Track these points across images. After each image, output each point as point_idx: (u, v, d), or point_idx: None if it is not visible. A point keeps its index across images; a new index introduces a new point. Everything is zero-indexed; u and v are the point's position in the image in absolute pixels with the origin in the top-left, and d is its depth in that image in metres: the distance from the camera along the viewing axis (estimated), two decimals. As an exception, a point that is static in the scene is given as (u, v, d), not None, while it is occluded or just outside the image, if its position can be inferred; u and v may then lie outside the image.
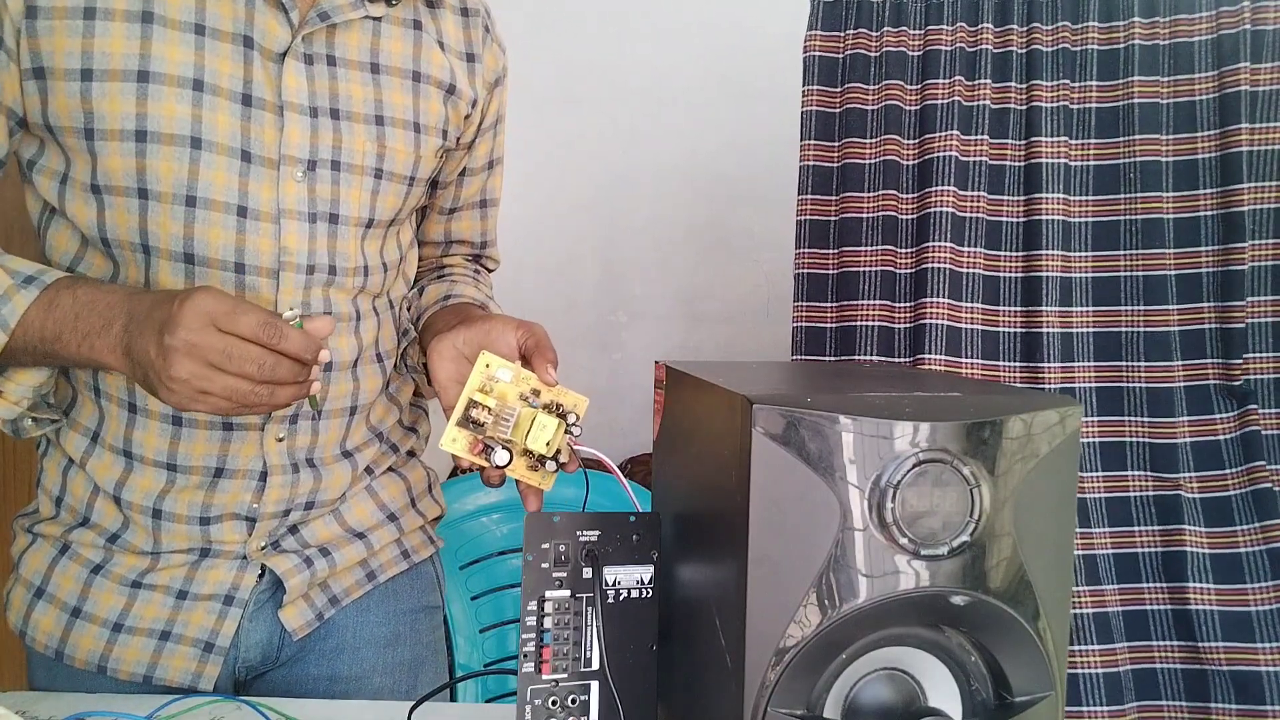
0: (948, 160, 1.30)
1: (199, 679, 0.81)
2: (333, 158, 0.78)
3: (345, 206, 0.80)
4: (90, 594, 0.81)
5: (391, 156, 0.82)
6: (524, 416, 0.71)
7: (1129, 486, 1.24)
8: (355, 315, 0.84)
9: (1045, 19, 1.31)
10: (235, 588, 0.81)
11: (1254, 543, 1.18)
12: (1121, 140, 1.28)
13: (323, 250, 0.79)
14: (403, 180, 0.84)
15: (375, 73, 0.81)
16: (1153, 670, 1.19)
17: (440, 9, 0.86)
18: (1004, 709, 0.52)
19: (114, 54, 0.71)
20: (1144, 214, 1.26)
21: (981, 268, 1.30)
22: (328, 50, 0.78)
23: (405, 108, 0.82)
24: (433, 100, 0.84)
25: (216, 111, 0.73)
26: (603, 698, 0.64)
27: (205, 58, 0.73)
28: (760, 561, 0.48)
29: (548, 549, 0.63)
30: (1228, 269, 1.24)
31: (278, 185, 0.76)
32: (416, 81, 0.83)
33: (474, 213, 0.99)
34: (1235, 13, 1.25)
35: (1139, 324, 1.26)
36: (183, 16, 0.72)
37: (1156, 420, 1.24)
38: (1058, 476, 0.51)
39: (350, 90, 0.79)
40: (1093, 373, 1.26)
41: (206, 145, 0.73)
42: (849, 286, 1.33)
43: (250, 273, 0.76)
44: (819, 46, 1.37)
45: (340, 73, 0.78)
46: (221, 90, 0.74)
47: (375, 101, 0.80)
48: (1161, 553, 1.21)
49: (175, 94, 0.72)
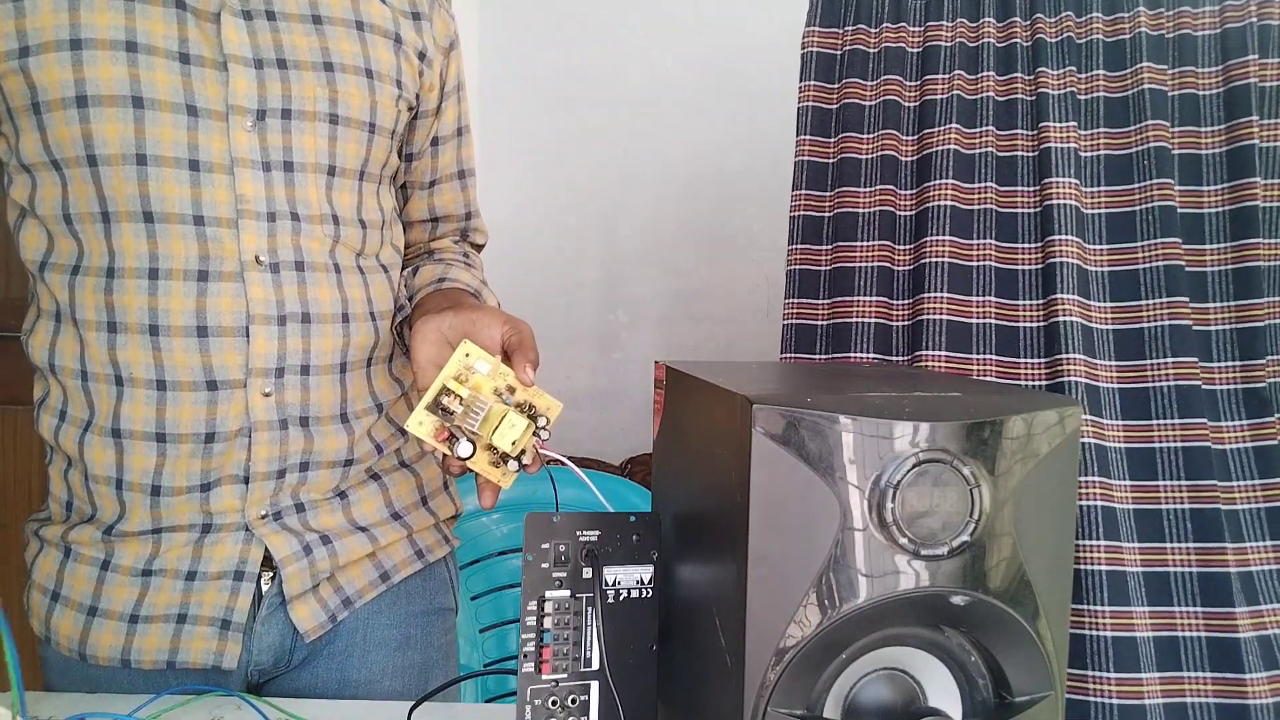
0: (948, 154, 1.29)
1: (221, 658, 0.81)
2: (283, 106, 0.79)
3: (300, 154, 0.80)
4: (103, 590, 0.81)
5: (345, 101, 0.82)
6: (494, 412, 0.71)
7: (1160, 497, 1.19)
8: (334, 268, 0.83)
9: (1048, 11, 1.31)
10: (244, 562, 0.81)
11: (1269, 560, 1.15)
12: (1134, 128, 1.27)
13: (281, 198, 0.79)
14: (361, 126, 0.84)
15: (318, 24, 0.82)
16: (1183, 704, 1.14)
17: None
18: (1004, 709, 0.52)
19: (45, 27, 0.73)
20: (1159, 202, 1.24)
21: (995, 260, 1.29)
22: (265, 6, 0.79)
23: (354, 54, 0.83)
24: (380, 49, 0.85)
25: (154, 70, 0.75)
26: (603, 698, 0.64)
27: (136, 20, 0.74)
28: (760, 561, 0.48)
29: (548, 549, 0.63)
30: (1243, 265, 1.22)
31: (228, 135, 0.77)
32: (361, 30, 0.84)
33: (454, 184, 1.00)
34: (1240, 6, 1.25)
35: (1162, 318, 1.22)
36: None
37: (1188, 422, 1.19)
38: (1057, 476, 0.51)
39: (294, 41, 0.80)
40: (1115, 371, 1.23)
41: (149, 104, 0.74)
42: (843, 282, 1.33)
43: (210, 224, 0.76)
44: (817, 42, 1.37)
45: (281, 25, 0.80)
46: (157, 50, 0.75)
47: (322, 49, 0.81)
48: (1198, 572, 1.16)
49: (109, 56, 0.74)
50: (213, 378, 0.78)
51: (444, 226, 1.02)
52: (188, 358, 0.77)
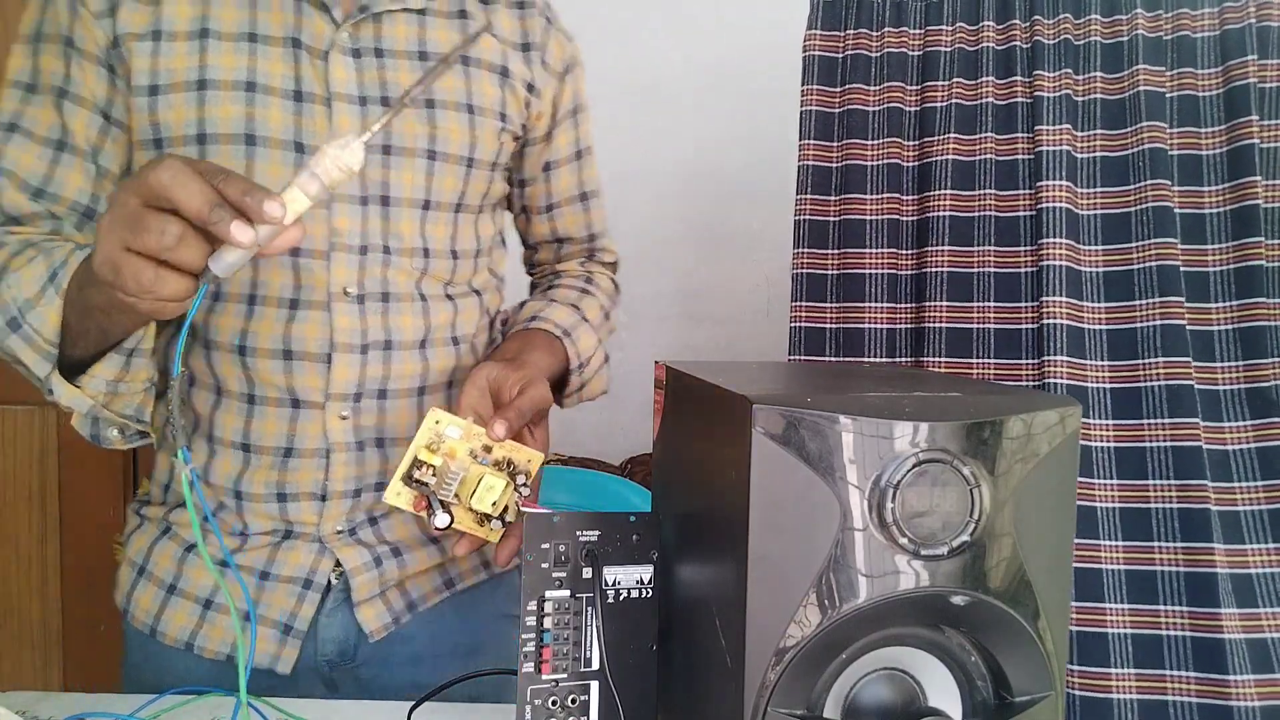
0: (945, 164, 1.30)
1: (277, 661, 0.84)
2: (383, 142, 0.81)
3: (397, 189, 0.82)
4: (185, 571, 0.85)
5: (445, 138, 0.83)
6: (471, 475, 0.72)
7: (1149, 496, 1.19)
8: (419, 297, 0.85)
9: (1046, 13, 1.31)
10: (313, 572, 0.84)
11: (1271, 564, 1.15)
12: (1129, 130, 1.27)
13: (376, 231, 0.81)
14: (459, 161, 0.85)
15: (424, 59, 0.83)
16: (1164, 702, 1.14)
17: (494, 3, 0.89)
18: (1004, 709, 0.52)
19: (177, 69, 0.77)
20: (1154, 203, 1.24)
21: (993, 265, 1.29)
22: (375, 43, 0.81)
23: (456, 90, 0.84)
24: (485, 83, 0.86)
25: (269, 109, 0.78)
26: (603, 698, 0.64)
27: (257, 62, 0.78)
28: (760, 561, 0.48)
29: (547, 549, 0.63)
30: (1245, 264, 1.22)
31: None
32: (466, 65, 0.85)
33: (575, 207, 1.00)
34: (1239, 7, 1.25)
35: (1155, 318, 1.22)
36: (236, 29, 0.78)
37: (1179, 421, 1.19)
38: (1058, 476, 0.51)
39: (399, 78, 0.81)
40: (1107, 371, 1.23)
41: (261, 141, 0.78)
42: (852, 289, 1.33)
43: (305, 255, 0.79)
44: (819, 46, 1.37)
45: (389, 62, 0.81)
46: (273, 90, 0.78)
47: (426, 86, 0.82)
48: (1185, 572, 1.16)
49: (229, 96, 0.77)
50: (295, 397, 0.81)
51: (568, 248, 1.02)
52: (273, 377, 0.81)
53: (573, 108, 0.95)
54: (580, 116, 0.97)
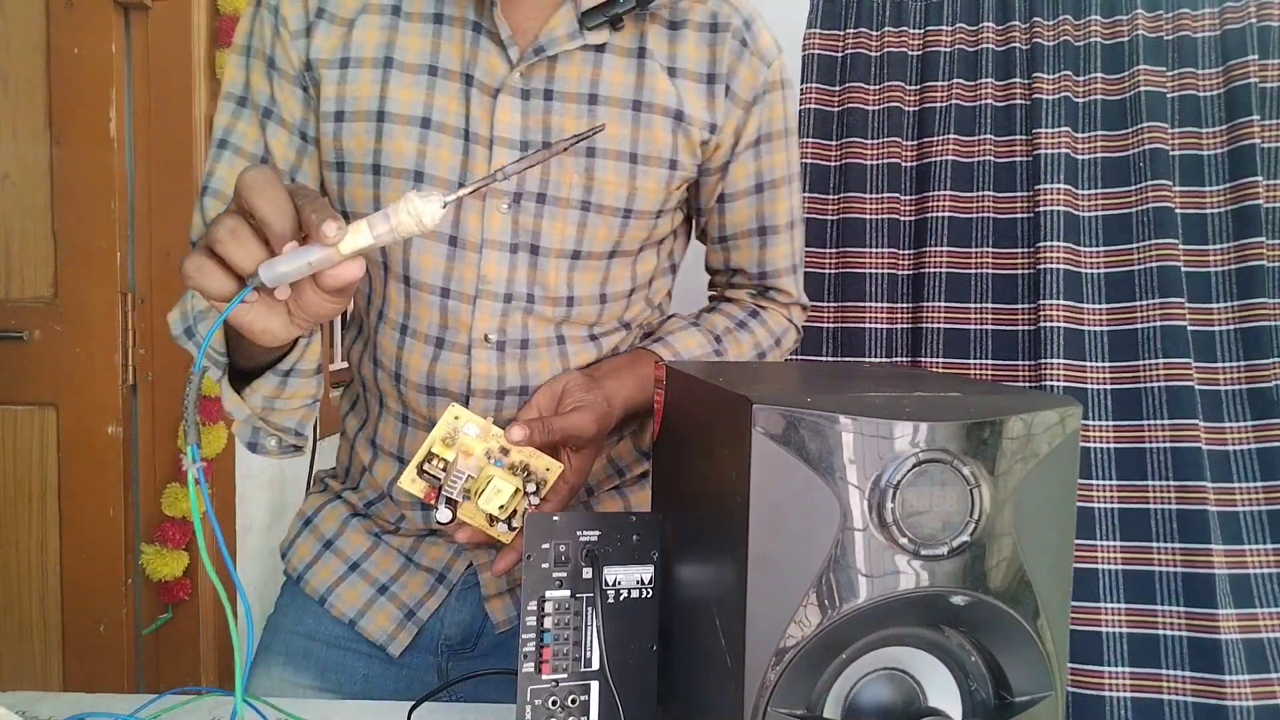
0: (945, 165, 1.29)
1: (391, 641, 0.88)
2: (539, 190, 0.79)
3: (547, 238, 0.80)
4: (345, 533, 0.91)
5: (600, 189, 0.80)
6: (482, 476, 0.71)
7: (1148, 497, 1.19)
8: (559, 340, 0.84)
9: (1046, 15, 1.31)
10: (448, 569, 0.89)
11: (1269, 564, 1.15)
12: (1130, 130, 1.27)
13: (521, 279, 0.81)
14: (615, 212, 0.81)
15: (592, 104, 0.80)
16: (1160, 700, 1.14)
17: (683, 29, 0.82)
18: (1004, 709, 0.52)
19: (360, 97, 0.78)
20: (1155, 204, 1.24)
21: (991, 266, 1.29)
22: (546, 84, 0.79)
23: (620, 138, 0.80)
24: (656, 129, 0.81)
25: (440, 148, 0.78)
26: (603, 698, 0.64)
27: (434, 97, 0.78)
28: (760, 561, 0.48)
29: (548, 549, 0.63)
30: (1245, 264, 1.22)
31: (483, 216, 0.79)
32: (636, 111, 0.81)
33: (751, 241, 0.92)
34: (1239, 8, 1.25)
35: (1155, 319, 1.22)
36: (418, 60, 0.78)
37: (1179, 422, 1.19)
38: (1058, 476, 0.51)
39: (563, 124, 0.79)
40: (1108, 373, 1.24)
41: (429, 179, 0.79)
42: (852, 288, 1.33)
43: (454, 298, 0.81)
44: (818, 45, 1.37)
45: (556, 106, 0.79)
46: (446, 127, 0.78)
47: None
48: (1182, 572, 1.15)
49: (405, 131, 0.78)
50: None
51: (740, 278, 0.97)
52: (420, 407, 0.85)
53: (756, 138, 0.87)
54: (768, 146, 0.88)
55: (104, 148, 1.62)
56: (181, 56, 1.63)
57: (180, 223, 1.65)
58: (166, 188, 1.65)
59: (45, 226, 1.62)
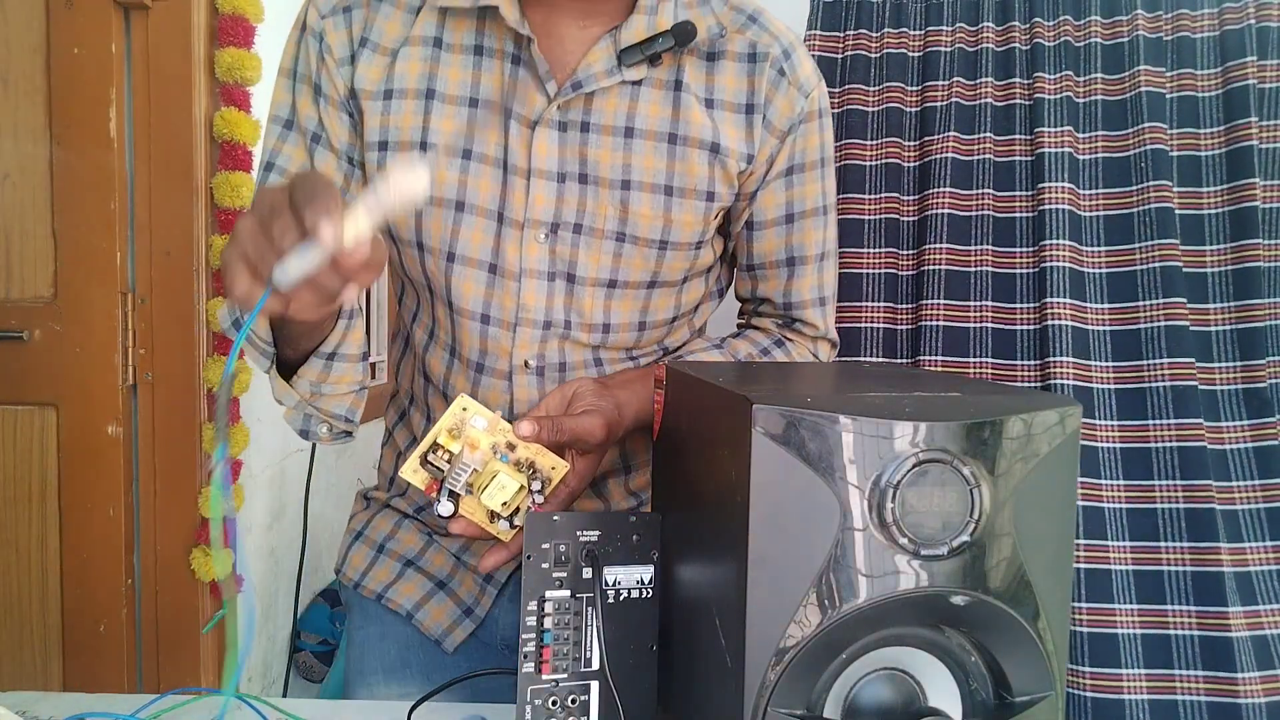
0: (945, 163, 1.29)
1: (447, 637, 0.90)
2: (575, 220, 0.81)
3: (583, 268, 0.82)
4: (397, 534, 0.94)
5: (635, 221, 0.81)
6: (487, 471, 0.71)
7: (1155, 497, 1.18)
8: (595, 363, 0.86)
9: (1046, 15, 1.31)
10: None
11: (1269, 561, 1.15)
12: (1130, 131, 1.27)
13: (559, 307, 0.82)
14: (650, 244, 0.82)
15: (629, 136, 0.80)
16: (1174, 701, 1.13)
17: (721, 60, 0.82)
18: (1004, 709, 0.52)
19: (404, 127, 0.80)
20: (1156, 205, 1.24)
21: (990, 265, 1.29)
22: (583, 117, 0.80)
23: (656, 171, 0.80)
24: (692, 162, 0.81)
25: (480, 178, 0.80)
26: (603, 698, 0.64)
27: (474, 129, 0.79)
28: (760, 561, 0.48)
29: (548, 549, 0.63)
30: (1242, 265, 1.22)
31: (521, 245, 0.80)
32: (672, 144, 0.81)
33: (778, 271, 0.91)
34: (1239, 8, 1.25)
35: (1159, 319, 1.22)
36: (459, 91, 0.80)
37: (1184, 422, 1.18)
38: (1058, 476, 0.51)
39: (599, 156, 0.80)
40: (1111, 372, 1.23)
41: (469, 208, 0.80)
42: (851, 288, 1.33)
43: (493, 324, 0.83)
44: (818, 46, 1.37)
45: (592, 138, 0.80)
46: (487, 158, 0.80)
47: (623, 165, 0.80)
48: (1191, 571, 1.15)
49: (447, 162, 0.80)
50: None
51: (766, 307, 0.95)
52: None
53: (789, 167, 0.86)
54: (800, 176, 0.87)
55: (104, 148, 1.62)
56: (181, 56, 1.63)
57: (180, 223, 1.65)
58: (166, 188, 1.65)
59: (45, 226, 1.62)
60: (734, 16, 0.83)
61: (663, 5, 0.80)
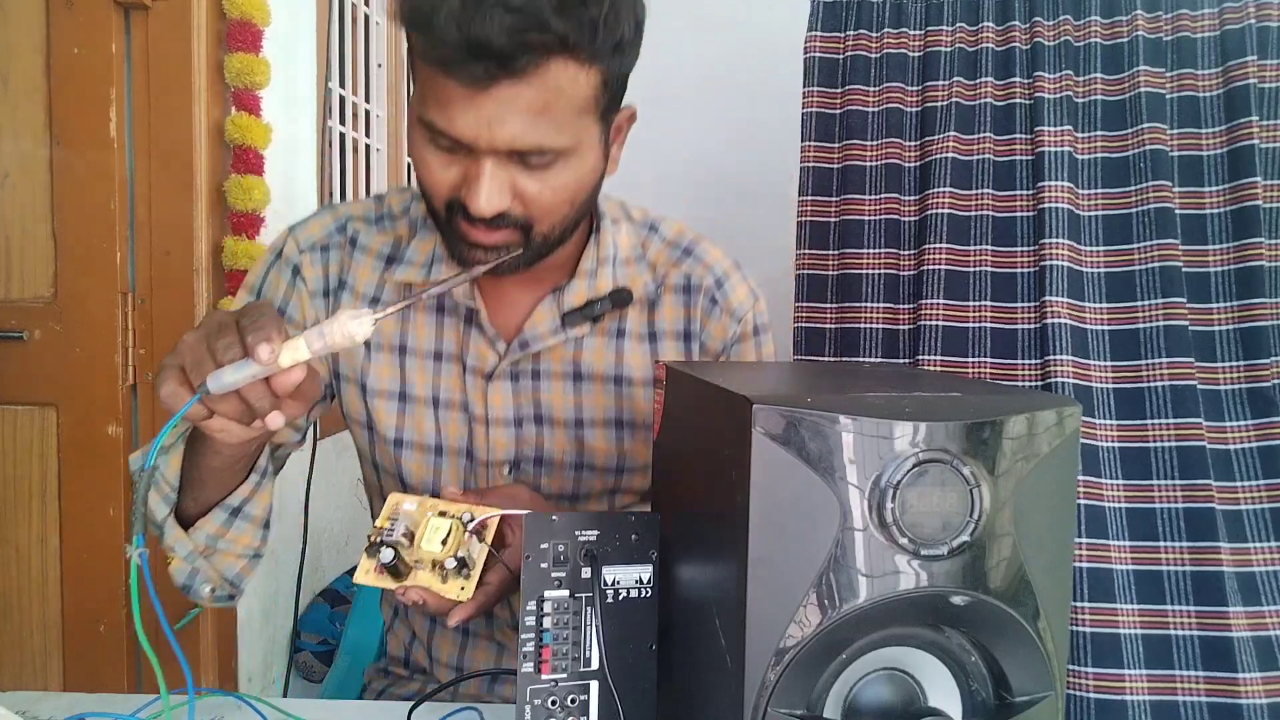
0: (945, 162, 1.29)
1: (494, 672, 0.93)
2: (535, 455, 0.88)
3: (546, 488, 0.89)
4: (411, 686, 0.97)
5: (590, 453, 0.88)
6: (422, 521, 0.72)
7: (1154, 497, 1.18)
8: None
9: (1046, 15, 1.31)
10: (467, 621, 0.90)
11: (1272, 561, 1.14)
12: (1130, 131, 1.27)
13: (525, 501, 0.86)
14: (607, 472, 0.89)
15: (577, 380, 0.87)
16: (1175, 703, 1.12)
17: (660, 300, 0.89)
18: (1004, 709, 0.52)
19: (383, 377, 0.88)
20: (1155, 205, 1.24)
21: (990, 265, 1.29)
22: (533, 366, 0.87)
23: (606, 408, 0.88)
24: (637, 399, 0.89)
25: (448, 424, 0.88)
26: (602, 698, 0.64)
27: (441, 380, 0.87)
28: (760, 561, 0.48)
29: (546, 549, 0.63)
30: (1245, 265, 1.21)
31: (488, 480, 0.88)
32: (618, 385, 0.88)
33: None
34: (1239, 8, 1.25)
35: (1158, 318, 1.21)
36: (426, 346, 0.87)
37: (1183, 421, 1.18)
38: (1058, 476, 0.51)
39: (552, 399, 0.87)
40: (1110, 372, 1.23)
41: (445, 451, 0.88)
42: (851, 288, 1.33)
43: None
44: (819, 47, 1.37)
45: (544, 385, 0.87)
46: (453, 404, 0.87)
47: (575, 405, 0.87)
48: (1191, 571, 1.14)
49: (424, 413, 0.87)
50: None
51: None
52: None
53: None
54: None
55: (104, 148, 1.62)
56: (182, 56, 1.63)
57: (180, 223, 1.65)
58: (166, 188, 1.65)
59: (45, 226, 1.62)
60: (670, 252, 0.90)
61: (601, 270, 0.85)
